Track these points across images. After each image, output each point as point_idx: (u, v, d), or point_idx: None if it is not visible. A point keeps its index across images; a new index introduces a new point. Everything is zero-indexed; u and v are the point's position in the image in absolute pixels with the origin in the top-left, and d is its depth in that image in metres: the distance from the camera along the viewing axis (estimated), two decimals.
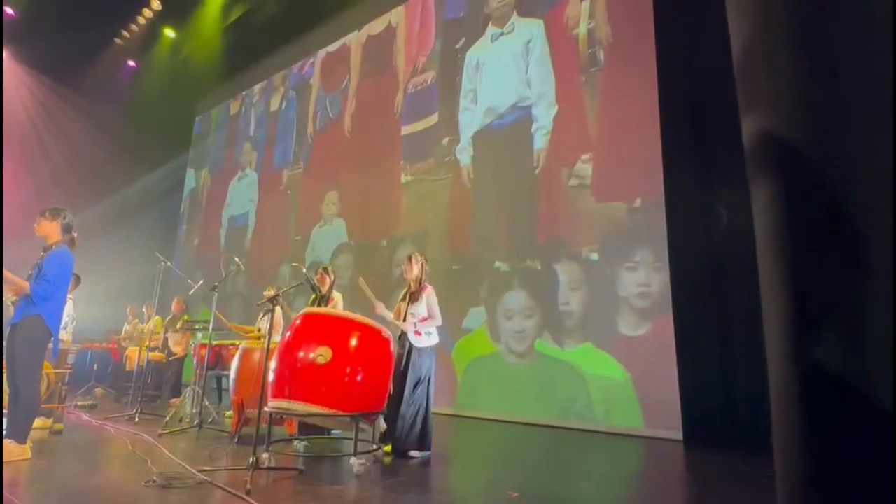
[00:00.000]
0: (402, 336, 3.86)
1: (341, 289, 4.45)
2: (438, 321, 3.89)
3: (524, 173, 6.66)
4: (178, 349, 6.93)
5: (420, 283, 3.94)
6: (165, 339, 7.04)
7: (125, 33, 11.24)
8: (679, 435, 4.53)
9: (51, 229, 3.44)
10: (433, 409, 3.78)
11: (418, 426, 3.66)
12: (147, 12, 10.89)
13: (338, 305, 4.24)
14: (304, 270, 4.22)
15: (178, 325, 6.95)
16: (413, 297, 3.90)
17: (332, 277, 4.36)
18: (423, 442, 3.66)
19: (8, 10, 9.72)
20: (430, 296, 3.89)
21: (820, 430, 0.48)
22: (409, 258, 4.02)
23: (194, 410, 4.86)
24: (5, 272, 3.19)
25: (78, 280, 5.50)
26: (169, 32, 11.88)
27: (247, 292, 10.48)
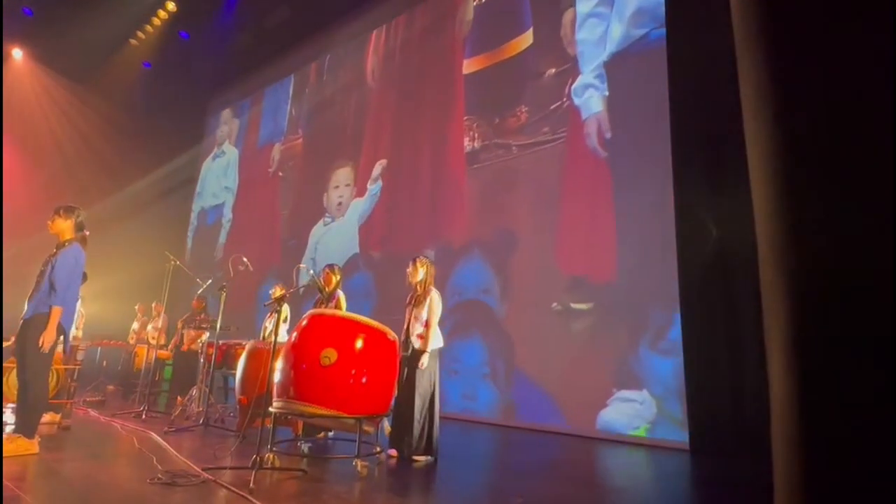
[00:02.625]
0: (406, 339, 3.85)
1: None
2: (435, 332, 3.78)
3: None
4: (191, 346, 6.98)
5: (425, 287, 3.93)
6: (181, 336, 7.11)
7: (140, 34, 11.36)
8: (686, 443, 4.48)
9: (64, 227, 3.51)
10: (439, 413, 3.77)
11: (426, 432, 3.66)
12: (162, 14, 11.01)
13: (341, 305, 4.24)
14: (311, 273, 4.23)
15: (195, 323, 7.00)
16: (418, 300, 3.90)
17: (339, 276, 4.37)
18: (429, 448, 3.66)
19: (25, 8, 9.88)
20: (433, 300, 3.85)
21: (818, 444, 0.47)
22: (415, 261, 4.01)
23: (200, 409, 4.89)
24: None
25: (85, 277, 5.55)
26: (183, 33, 11.98)
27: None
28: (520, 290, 4.89)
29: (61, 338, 3.39)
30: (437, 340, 3.83)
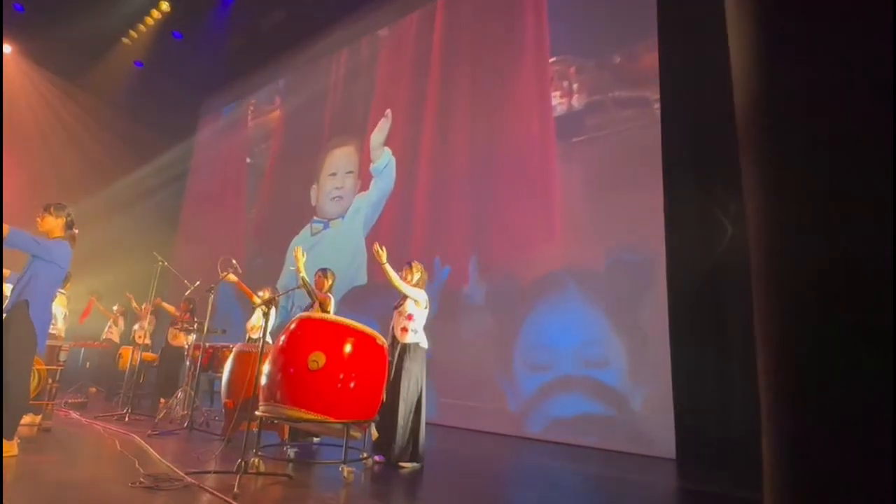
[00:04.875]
0: (394, 343, 3.83)
1: None
2: (416, 327, 3.78)
3: None
4: (174, 343, 6.89)
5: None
6: (166, 336, 7.03)
7: (133, 33, 11.29)
8: (672, 453, 4.49)
9: (54, 225, 3.45)
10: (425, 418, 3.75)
11: (412, 438, 3.65)
12: (156, 13, 10.95)
13: (329, 308, 4.18)
14: (302, 275, 4.17)
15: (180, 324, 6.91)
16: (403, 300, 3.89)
17: (331, 281, 4.32)
18: (416, 454, 3.64)
19: (16, 4, 9.78)
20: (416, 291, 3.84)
21: (808, 457, 0.47)
22: (411, 264, 3.97)
23: (185, 412, 4.83)
24: None
25: (68, 276, 5.46)
26: (177, 33, 11.90)
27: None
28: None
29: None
30: (420, 335, 3.81)
